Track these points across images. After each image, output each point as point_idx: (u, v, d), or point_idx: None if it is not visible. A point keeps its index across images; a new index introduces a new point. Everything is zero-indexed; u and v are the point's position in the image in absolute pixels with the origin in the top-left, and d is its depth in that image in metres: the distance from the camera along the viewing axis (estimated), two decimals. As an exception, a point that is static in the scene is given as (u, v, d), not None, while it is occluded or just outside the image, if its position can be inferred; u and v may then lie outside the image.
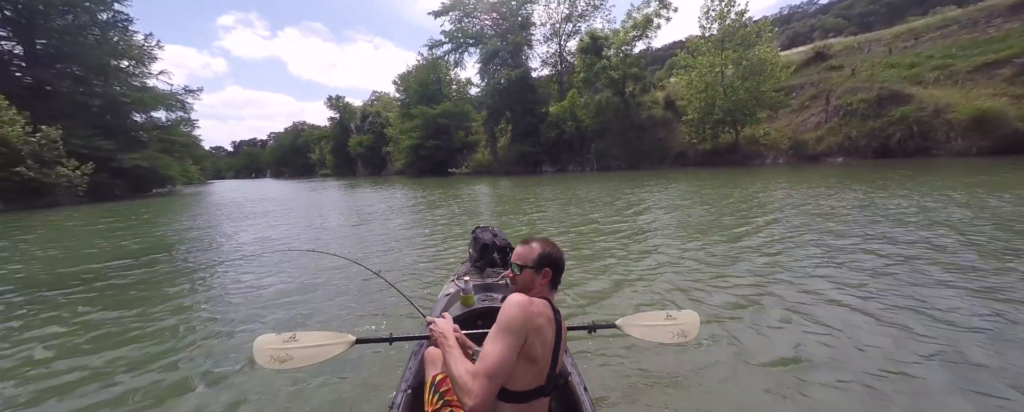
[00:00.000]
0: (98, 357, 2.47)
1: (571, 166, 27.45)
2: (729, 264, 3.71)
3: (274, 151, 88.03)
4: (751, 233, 4.86)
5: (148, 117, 26.17)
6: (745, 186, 10.05)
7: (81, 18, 22.22)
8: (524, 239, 1.22)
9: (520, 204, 9.63)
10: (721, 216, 6.12)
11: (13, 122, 15.44)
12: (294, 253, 5.04)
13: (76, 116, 20.04)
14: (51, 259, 5.59)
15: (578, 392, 1.30)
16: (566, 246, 4.67)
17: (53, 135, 16.59)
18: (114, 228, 8.77)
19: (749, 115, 19.78)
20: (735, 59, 19.62)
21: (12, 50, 20.86)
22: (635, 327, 1.50)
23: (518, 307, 1.03)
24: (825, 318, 2.48)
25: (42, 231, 8.77)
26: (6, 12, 19.91)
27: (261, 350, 1.33)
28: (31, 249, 6.50)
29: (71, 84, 21.24)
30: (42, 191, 15.96)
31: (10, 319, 3.17)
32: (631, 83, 26.40)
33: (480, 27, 34.28)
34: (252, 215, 10.44)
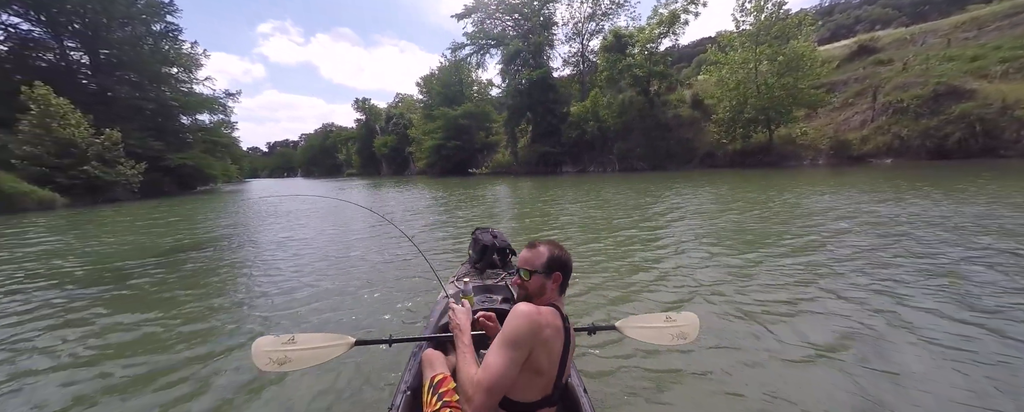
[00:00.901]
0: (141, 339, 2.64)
1: (592, 167, 27.01)
2: (759, 273, 3.44)
3: (305, 151, 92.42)
4: (790, 242, 4.53)
5: (194, 119, 28.17)
6: (783, 188, 9.42)
7: (138, 29, 24.27)
8: (530, 243, 1.17)
9: (541, 206, 9.51)
10: (759, 222, 5.68)
11: (79, 125, 17.06)
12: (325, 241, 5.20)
13: (132, 119, 21.88)
14: (122, 248, 6.09)
15: (578, 394, 1.29)
16: (588, 251, 4.54)
17: (115, 137, 18.20)
18: (169, 221, 9.48)
19: (785, 113, 18.69)
20: (770, 54, 18.58)
21: (80, 59, 23.08)
22: (635, 329, 1.50)
23: (525, 318, 0.98)
24: (836, 327, 2.34)
25: (109, 225, 9.59)
26: (75, 25, 22.07)
27: (260, 353, 1.32)
28: (105, 239, 7.11)
29: (128, 90, 23.24)
30: (104, 188, 17.51)
31: (89, 299, 3.47)
32: (656, 81, 25.65)
33: (502, 28, 34.46)
34: (281, 214, 10.96)
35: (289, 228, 7.61)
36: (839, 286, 2.97)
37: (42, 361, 2.42)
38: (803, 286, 3.03)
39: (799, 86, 18.01)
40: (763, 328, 2.39)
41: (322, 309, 3.12)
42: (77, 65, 22.94)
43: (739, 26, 20.58)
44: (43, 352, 2.54)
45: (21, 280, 4.27)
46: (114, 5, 22.31)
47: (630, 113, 25.77)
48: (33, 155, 15.71)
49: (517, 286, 1.16)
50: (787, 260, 3.73)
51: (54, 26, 21.66)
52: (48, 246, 6.54)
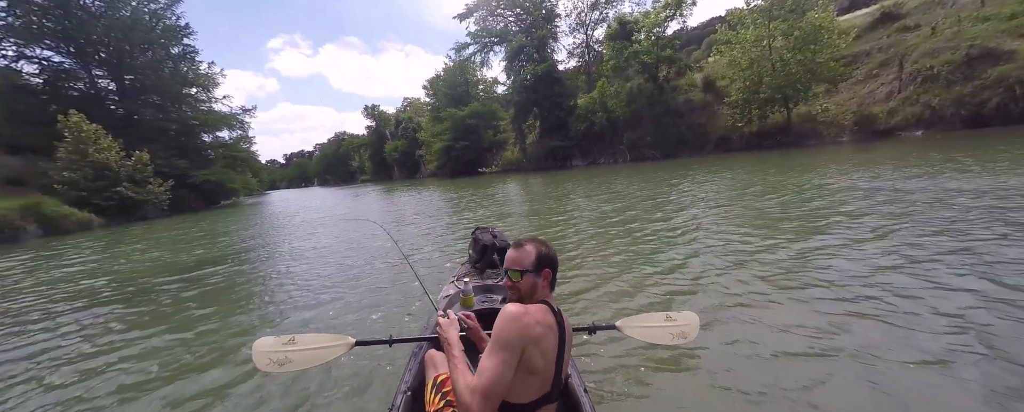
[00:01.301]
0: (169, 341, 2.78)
1: (603, 159, 26.63)
2: (774, 266, 3.24)
3: (320, 161, 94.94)
4: (812, 227, 4.29)
5: (214, 136, 29.38)
6: (805, 169, 9.00)
7: (158, 53, 25.45)
8: (515, 242, 1.15)
9: (549, 203, 9.45)
10: (781, 209, 5.26)
11: (111, 148, 18.08)
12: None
13: (157, 140, 23.01)
14: (152, 265, 6.45)
15: (578, 394, 1.28)
16: (600, 248, 4.43)
17: (145, 158, 19.21)
18: (195, 236, 9.98)
19: (803, 90, 17.85)
20: (785, 30, 17.75)
21: (107, 86, 24.42)
22: (635, 328, 1.49)
23: (512, 320, 0.98)
24: (853, 324, 2.19)
25: (140, 242, 10.16)
26: (101, 54, 23.35)
27: (260, 353, 1.31)
28: (141, 256, 7.54)
29: (152, 112, 24.43)
30: (135, 207, 18.54)
31: (112, 315, 3.70)
32: (665, 67, 24.98)
33: (504, 24, 34.31)
34: (296, 225, 11.29)
35: (302, 237, 7.86)
36: (863, 276, 2.80)
37: (63, 370, 2.56)
38: (823, 281, 2.84)
39: (817, 60, 17.15)
40: (768, 327, 2.30)
41: (325, 310, 3.18)
42: (105, 92, 24.28)
43: (750, 2, 19.75)
44: (65, 361, 2.69)
45: (59, 298, 4.56)
46: (135, 31, 23.47)
47: (639, 101, 25.22)
48: (71, 180, 16.77)
49: (508, 288, 1.14)
50: (807, 249, 3.55)
51: (82, 56, 22.97)
52: (83, 266, 6.96)
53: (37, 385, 2.38)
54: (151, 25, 24.65)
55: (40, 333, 3.30)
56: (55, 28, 21.62)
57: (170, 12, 25.60)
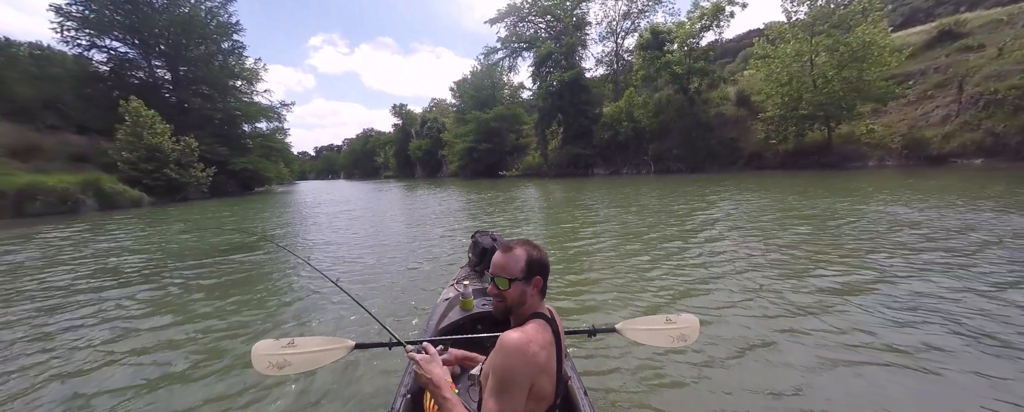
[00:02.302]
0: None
1: (626, 169, 26.16)
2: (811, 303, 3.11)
3: (347, 155, 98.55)
4: (854, 258, 4.02)
5: (253, 127, 31.09)
6: (848, 193, 8.41)
7: (210, 48, 27.29)
8: (503, 245, 1.04)
9: (570, 211, 9.33)
10: (823, 233, 4.85)
11: (164, 134, 19.50)
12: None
13: (203, 127, 24.60)
14: (183, 245, 6.88)
15: (578, 397, 1.28)
16: (620, 260, 4.31)
17: (192, 144, 20.60)
18: (227, 220, 10.56)
19: (847, 109, 16.90)
20: (829, 45, 16.92)
21: (164, 76, 26.41)
22: (635, 331, 1.48)
23: (517, 354, 0.88)
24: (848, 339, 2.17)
25: (183, 222, 10.86)
26: (161, 46, 25.30)
27: (259, 356, 1.30)
28: (171, 238, 8.07)
29: (201, 102, 26.18)
30: (179, 188, 19.86)
31: (130, 297, 3.96)
32: (697, 79, 24.36)
33: (534, 31, 34.60)
34: (318, 216, 11.73)
35: (319, 229, 8.13)
36: (887, 317, 2.58)
37: (57, 349, 2.61)
38: (841, 308, 2.69)
39: (864, 78, 16.20)
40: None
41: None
42: (161, 81, 26.26)
43: (791, 16, 18.99)
44: (59, 342, 2.73)
45: (84, 275, 4.83)
46: (192, 26, 25.32)
47: (667, 112, 24.69)
48: (128, 160, 18.20)
49: (493, 296, 1.02)
50: (839, 279, 3.34)
51: (145, 47, 24.99)
52: (117, 242, 7.42)
53: (29, 364, 2.42)
54: (206, 21, 26.49)
55: (54, 311, 3.38)
56: (123, 21, 23.65)
57: (224, 10, 27.45)
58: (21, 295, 3.99)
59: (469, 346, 1.56)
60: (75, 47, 23.70)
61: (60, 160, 17.76)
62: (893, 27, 20.79)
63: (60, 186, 14.18)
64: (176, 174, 19.51)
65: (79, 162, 18.26)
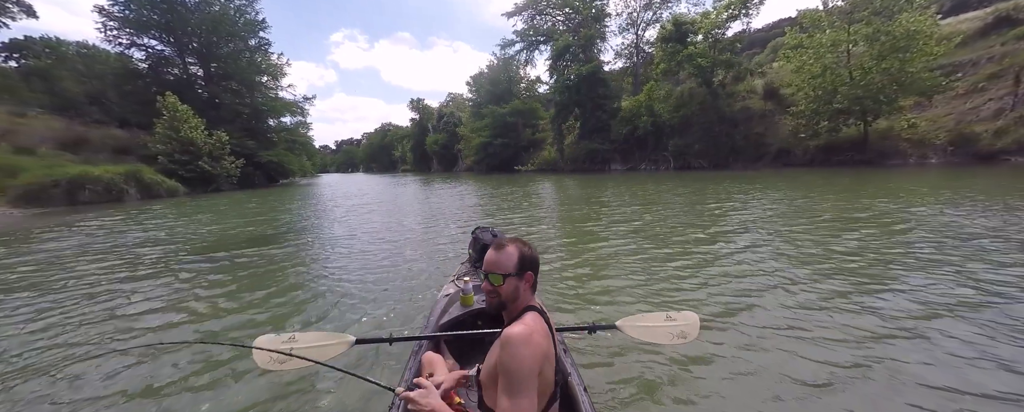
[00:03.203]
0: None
1: (644, 165, 25.59)
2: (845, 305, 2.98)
3: (366, 149, 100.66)
4: (888, 266, 3.75)
5: (278, 121, 32.20)
6: (888, 193, 7.87)
7: (238, 44, 28.32)
8: (495, 243, 1.07)
9: (586, 210, 9.21)
10: (866, 242, 4.21)
11: (197, 127, 20.50)
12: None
13: (232, 122, 25.68)
14: (208, 235, 7.26)
15: (578, 393, 1.27)
16: (645, 274, 3.86)
17: (223, 138, 21.60)
18: (251, 211, 11.07)
19: (886, 103, 15.87)
20: (869, 34, 15.87)
21: (197, 72, 27.65)
22: (635, 328, 1.48)
23: (526, 347, 0.90)
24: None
25: (212, 212, 11.46)
26: (194, 44, 26.47)
27: (260, 351, 1.31)
28: (197, 228, 8.53)
29: (231, 97, 27.29)
30: (212, 180, 20.89)
31: (195, 268, 4.19)
32: (721, 71, 23.41)
33: (552, 23, 34.05)
34: (335, 210, 12.06)
35: (336, 223, 8.37)
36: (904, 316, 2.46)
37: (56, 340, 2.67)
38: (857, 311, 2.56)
39: (907, 70, 15.13)
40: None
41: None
42: (194, 77, 27.51)
43: (827, 3, 17.89)
44: (55, 334, 2.77)
45: (107, 263, 5.04)
46: (221, 24, 26.32)
47: (690, 106, 23.89)
48: (165, 153, 19.28)
49: (486, 292, 1.05)
50: (875, 285, 3.18)
51: (179, 45, 26.21)
52: (145, 232, 7.87)
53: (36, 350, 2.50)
54: (234, 19, 27.46)
55: (72, 299, 3.51)
56: (160, 20, 24.85)
57: (251, 7, 28.37)
58: (53, 283, 4.33)
59: (468, 342, 1.58)
60: (117, 46, 25.14)
61: (106, 152, 18.99)
62: (942, 13, 19.28)
63: (106, 176, 15.19)
64: (209, 166, 20.53)
65: (122, 154, 19.46)
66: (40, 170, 13.87)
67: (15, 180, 13.01)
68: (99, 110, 23.16)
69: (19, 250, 5.99)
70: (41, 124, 18.49)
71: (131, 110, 23.22)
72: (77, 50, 27.14)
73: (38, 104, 20.36)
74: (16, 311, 3.27)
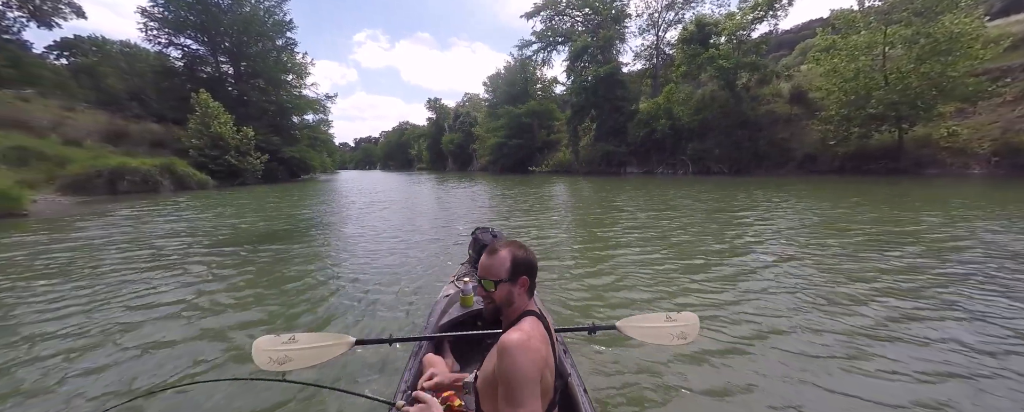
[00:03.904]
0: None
1: (661, 169, 25.09)
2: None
3: (384, 147, 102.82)
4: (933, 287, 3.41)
5: (301, 119, 33.34)
6: (926, 204, 7.45)
7: (266, 44, 29.51)
8: (490, 248, 1.05)
9: (601, 214, 9.09)
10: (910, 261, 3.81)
11: (227, 123, 21.47)
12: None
13: (259, 119, 26.77)
14: (226, 228, 7.57)
15: (578, 394, 1.27)
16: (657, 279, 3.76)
17: (250, 134, 22.57)
18: (269, 205, 11.50)
19: (925, 109, 14.99)
20: (908, 36, 15.03)
21: (228, 71, 28.96)
22: (635, 328, 1.49)
23: (524, 354, 0.88)
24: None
25: (234, 205, 11.97)
26: (226, 43, 27.73)
27: (260, 352, 1.30)
28: (218, 221, 8.91)
29: (258, 95, 28.45)
30: (238, 173, 21.84)
31: (230, 257, 4.39)
32: (745, 74, 22.69)
33: (571, 24, 33.83)
34: (354, 206, 12.33)
35: (349, 221, 8.56)
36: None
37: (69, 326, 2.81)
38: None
39: (949, 74, 14.25)
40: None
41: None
42: (225, 75, 28.84)
43: (863, 2, 17.05)
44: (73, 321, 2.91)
45: (127, 254, 5.26)
46: (252, 25, 27.49)
47: (711, 109, 23.25)
48: (197, 147, 20.29)
49: (482, 297, 1.05)
50: (908, 302, 3.01)
51: (213, 45, 27.53)
52: (168, 224, 8.26)
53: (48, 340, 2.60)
54: (264, 19, 28.63)
55: (91, 287, 3.68)
56: (196, 21, 26.17)
57: (279, 8, 29.51)
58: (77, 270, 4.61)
59: (468, 343, 1.58)
60: (156, 45, 26.65)
61: (143, 145, 20.16)
62: (990, 15, 18.04)
63: (143, 168, 16.12)
64: (236, 161, 21.48)
65: (158, 147, 20.61)
66: (86, 161, 14.85)
67: (64, 170, 13.97)
68: (139, 105, 24.61)
69: (58, 237, 6.45)
70: (88, 118, 19.79)
71: (167, 106, 24.55)
72: (120, 48, 28.90)
73: (85, 99, 21.81)
74: (38, 295, 3.49)
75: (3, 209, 8.82)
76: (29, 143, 14.38)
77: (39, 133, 15.95)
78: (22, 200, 9.50)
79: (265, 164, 23.75)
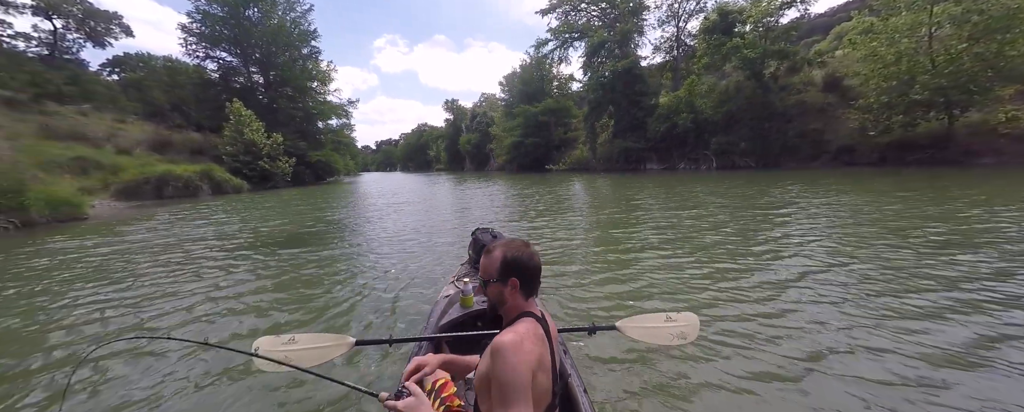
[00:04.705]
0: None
1: (683, 164, 24.31)
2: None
3: (403, 149, 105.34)
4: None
5: (326, 124, 34.71)
6: (1002, 200, 6.19)
7: (293, 53, 30.92)
8: (487, 248, 1.06)
9: (616, 216, 8.76)
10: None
11: (258, 130, 22.71)
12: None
13: (287, 125, 28.10)
14: (248, 232, 7.99)
15: (578, 394, 1.27)
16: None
17: (279, 140, 23.77)
18: (295, 208, 12.05)
19: (979, 93, 13.73)
20: (957, 15, 13.81)
21: (258, 80, 30.57)
22: (635, 328, 1.49)
23: (515, 356, 0.87)
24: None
25: (262, 209, 12.64)
26: (257, 54, 29.28)
27: (260, 351, 1.30)
28: (277, 215, 9.44)
29: (286, 102, 29.87)
30: (269, 177, 23.06)
31: (253, 259, 4.67)
32: (773, 62, 21.59)
33: (587, 19, 33.34)
34: (372, 207, 12.64)
35: (367, 222, 8.77)
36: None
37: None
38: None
39: (1007, 53, 12.98)
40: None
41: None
42: (256, 84, 30.46)
43: (906, -19, 15.80)
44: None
45: (152, 255, 5.58)
46: (280, 36, 28.90)
47: (736, 101, 22.28)
48: (232, 153, 21.58)
49: (486, 296, 1.06)
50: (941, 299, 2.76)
51: (245, 56, 29.15)
52: (195, 228, 8.72)
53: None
54: (291, 30, 30.01)
55: (113, 284, 3.91)
56: (229, 35, 27.81)
57: (305, 19, 30.85)
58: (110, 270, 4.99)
59: (468, 343, 1.59)
60: (195, 58, 28.52)
61: (185, 153, 21.64)
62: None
63: (185, 174, 17.33)
64: (267, 165, 22.68)
65: (197, 154, 22.06)
66: (135, 169, 16.15)
67: (117, 178, 15.26)
68: (179, 115, 26.44)
69: (110, 239, 7.07)
70: (136, 129, 21.47)
71: (205, 115, 26.24)
72: (163, 63, 31.12)
73: (133, 112, 23.68)
74: (69, 291, 3.79)
75: (68, 214, 9.77)
76: (88, 154, 15.79)
77: (96, 144, 17.47)
78: (83, 206, 10.49)
79: (293, 168, 24.95)
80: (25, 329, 2.98)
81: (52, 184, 11.06)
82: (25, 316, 3.23)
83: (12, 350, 2.61)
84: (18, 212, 8.49)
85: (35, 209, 8.87)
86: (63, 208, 9.68)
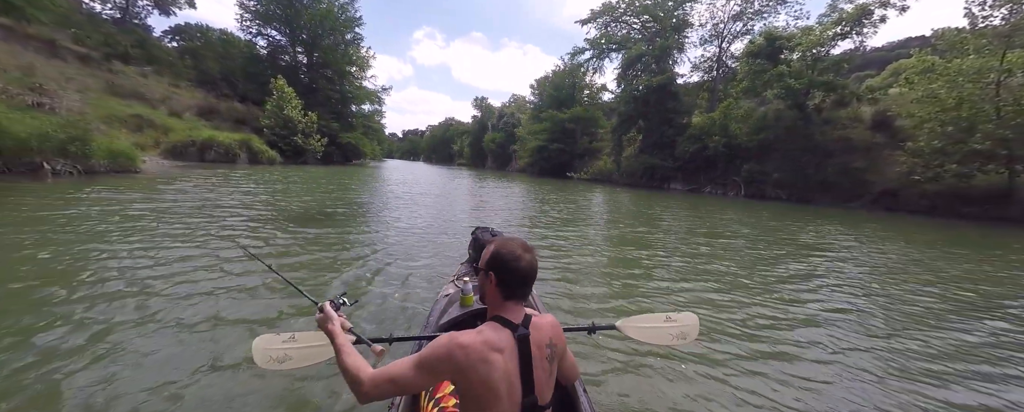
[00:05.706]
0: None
1: (709, 187, 23.58)
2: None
3: (428, 141, 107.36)
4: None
5: (359, 108, 35.88)
6: None
7: (337, 38, 32.16)
8: (490, 241, 1.08)
9: (642, 235, 8.54)
10: None
11: (297, 108, 23.76)
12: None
13: (324, 105, 29.27)
14: (271, 205, 8.33)
15: (578, 394, 1.27)
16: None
17: (314, 118, 24.83)
18: (336, 185, 12.48)
19: (1049, 149, 12.65)
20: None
21: (302, 60, 31.98)
22: (635, 328, 1.49)
23: (440, 347, 0.91)
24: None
25: (288, 182, 13.20)
26: (303, 35, 30.63)
27: (260, 350, 1.29)
28: (304, 190, 9.82)
29: (326, 83, 31.10)
30: (301, 153, 24.07)
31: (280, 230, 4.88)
32: (819, 94, 20.65)
33: (627, 31, 32.93)
34: (394, 195, 12.93)
35: (388, 210, 8.95)
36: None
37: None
38: None
39: (1089, 110, 11.89)
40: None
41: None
42: (300, 64, 31.88)
43: (977, 22, 14.79)
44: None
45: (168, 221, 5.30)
46: (327, 19, 30.14)
47: (774, 130, 21.43)
48: (271, 127, 22.69)
49: None
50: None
51: (292, 36, 30.58)
52: (225, 194, 9.12)
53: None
54: (338, 15, 31.23)
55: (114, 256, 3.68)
56: (281, 15, 29.25)
57: (351, 6, 32.03)
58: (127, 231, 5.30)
59: None
60: (247, 34, 30.16)
61: (229, 122, 22.90)
62: None
63: (227, 142, 18.35)
64: (301, 142, 23.70)
65: (240, 124, 23.30)
66: (183, 132, 17.25)
67: (167, 138, 16.35)
68: (227, 86, 27.99)
69: (147, 194, 7.55)
70: (188, 95, 22.92)
71: (251, 88, 27.69)
72: (219, 36, 33.09)
73: (187, 78, 25.28)
74: (94, 249, 3.81)
75: (124, 166, 10.57)
76: (145, 112, 16.99)
77: (152, 105, 18.77)
78: (136, 160, 11.32)
79: (324, 147, 25.94)
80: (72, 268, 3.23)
81: (112, 137, 11.97)
82: (77, 258, 3.53)
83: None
84: (83, 159, 9.22)
85: (97, 158, 9.63)
86: (120, 159, 10.50)
